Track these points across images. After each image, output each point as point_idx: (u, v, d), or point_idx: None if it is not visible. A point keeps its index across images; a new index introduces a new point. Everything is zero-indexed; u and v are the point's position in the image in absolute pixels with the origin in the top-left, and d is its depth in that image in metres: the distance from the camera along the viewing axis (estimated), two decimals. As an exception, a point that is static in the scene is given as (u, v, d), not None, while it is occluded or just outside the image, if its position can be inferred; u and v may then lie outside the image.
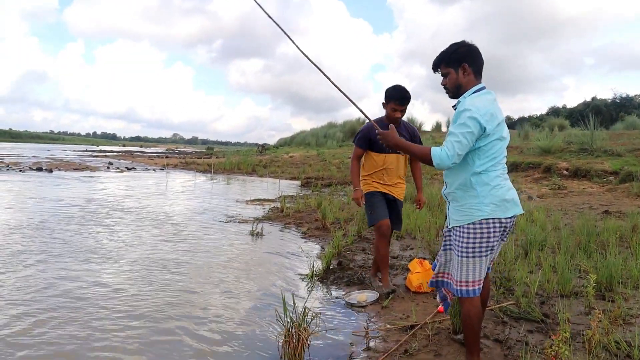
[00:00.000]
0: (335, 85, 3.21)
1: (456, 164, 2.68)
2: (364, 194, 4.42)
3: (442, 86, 2.84)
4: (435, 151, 2.58)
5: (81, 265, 5.25)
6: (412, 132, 4.38)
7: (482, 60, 2.76)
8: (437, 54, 2.83)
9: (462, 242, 2.69)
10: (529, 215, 7.62)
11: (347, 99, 3.20)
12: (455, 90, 2.78)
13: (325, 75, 3.22)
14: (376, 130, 2.95)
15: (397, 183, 4.48)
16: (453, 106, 2.80)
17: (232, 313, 4.07)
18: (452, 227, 2.80)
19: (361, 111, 3.21)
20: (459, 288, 2.73)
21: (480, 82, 2.76)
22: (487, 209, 2.63)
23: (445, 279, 3.03)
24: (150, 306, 4.11)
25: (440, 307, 3.89)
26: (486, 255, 2.68)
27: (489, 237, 2.65)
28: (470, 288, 2.70)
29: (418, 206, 4.67)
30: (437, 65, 2.84)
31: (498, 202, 2.63)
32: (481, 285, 2.72)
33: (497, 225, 2.65)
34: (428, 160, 2.61)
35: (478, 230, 2.65)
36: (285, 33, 3.31)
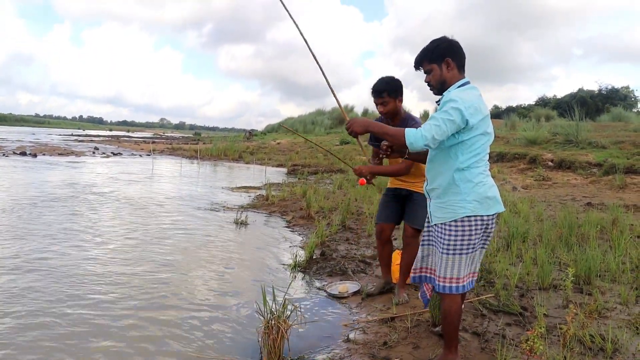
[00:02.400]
0: (327, 80, 3.13)
1: (436, 156, 2.68)
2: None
3: (426, 83, 2.81)
4: (409, 131, 2.52)
5: (60, 257, 5.20)
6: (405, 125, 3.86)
7: (464, 54, 2.74)
8: (419, 52, 2.78)
9: (444, 239, 2.68)
10: (512, 207, 7.68)
11: (337, 89, 3.15)
12: (439, 86, 2.75)
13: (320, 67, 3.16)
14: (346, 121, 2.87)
15: (416, 182, 3.99)
16: (437, 102, 2.78)
17: (212, 303, 4.06)
18: (434, 224, 2.79)
19: (339, 105, 3.17)
20: (441, 284, 2.73)
21: (464, 77, 2.75)
22: (469, 206, 2.62)
23: (426, 274, 3.02)
24: (128, 295, 4.09)
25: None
26: (467, 253, 2.67)
27: (470, 235, 2.64)
28: (453, 285, 2.69)
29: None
30: (419, 63, 2.79)
31: (480, 200, 2.63)
32: (464, 283, 2.71)
33: (479, 222, 2.64)
34: (401, 141, 2.54)
35: (460, 228, 2.64)
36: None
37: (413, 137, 2.50)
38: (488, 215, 2.65)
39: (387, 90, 3.80)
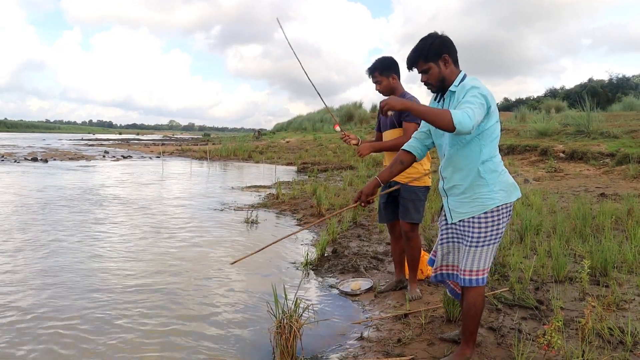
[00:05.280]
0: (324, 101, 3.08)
1: (455, 154, 2.61)
2: None
3: (423, 83, 2.71)
4: (456, 112, 2.26)
5: (71, 259, 5.21)
6: None
7: (456, 48, 2.68)
8: (410, 52, 2.68)
9: (475, 233, 2.63)
10: (525, 199, 7.59)
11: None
12: (439, 84, 2.67)
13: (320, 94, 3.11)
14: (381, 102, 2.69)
15: None
16: (436, 100, 2.74)
17: (223, 303, 4.04)
18: (461, 220, 2.70)
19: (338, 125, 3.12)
20: (468, 277, 2.66)
21: (460, 70, 2.69)
22: (497, 196, 2.59)
23: (450, 271, 2.95)
24: (140, 296, 4.08)
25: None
26: (496, 242, 2.65)
27: (499, 224, 2.62)
28: (480, 277, 2.65)
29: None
30: (414, 63, 2.69)
31: (506, 188, 2.61)
32: (487, 274, 2.69)
33: (506, 210, 2.62)
34: (446, 123, 2.25)
35: (490, 219, 2.60)
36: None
37: (461, 117, 2.24)
38: (512, 202, 2.65)
39: (378, 68, 3.86)
